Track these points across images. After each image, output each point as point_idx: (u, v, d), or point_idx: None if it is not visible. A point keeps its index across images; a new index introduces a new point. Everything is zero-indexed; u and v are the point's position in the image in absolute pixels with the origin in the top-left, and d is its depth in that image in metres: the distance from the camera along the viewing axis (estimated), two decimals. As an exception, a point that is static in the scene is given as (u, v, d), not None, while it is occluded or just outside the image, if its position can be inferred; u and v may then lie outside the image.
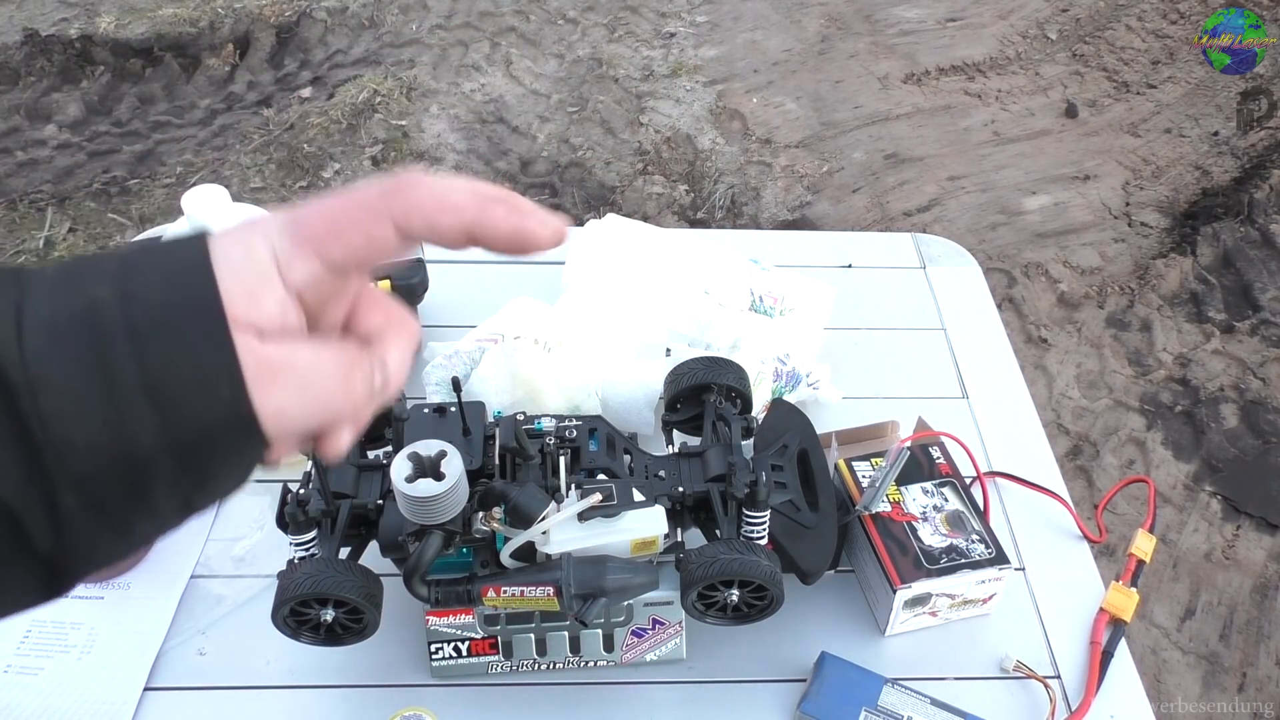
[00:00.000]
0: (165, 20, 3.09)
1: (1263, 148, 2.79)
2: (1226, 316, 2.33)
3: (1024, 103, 2.96)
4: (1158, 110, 2.94)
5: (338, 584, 0.66)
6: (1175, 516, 1.93)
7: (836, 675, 0.76)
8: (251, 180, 2.60)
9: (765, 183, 2.66)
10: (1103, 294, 2.39)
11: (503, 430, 0.72)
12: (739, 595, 0.70)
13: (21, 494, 0.27)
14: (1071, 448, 2.04)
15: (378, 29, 3.14)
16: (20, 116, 2.77)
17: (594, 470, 0.74)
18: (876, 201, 2.62)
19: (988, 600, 0.81)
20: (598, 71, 2.99)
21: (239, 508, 0.88)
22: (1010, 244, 2.51)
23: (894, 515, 0.81)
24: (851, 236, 1.28)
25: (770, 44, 3.15)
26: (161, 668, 0.78)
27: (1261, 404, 2.14)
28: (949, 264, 1.17)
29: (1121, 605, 0.83)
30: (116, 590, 0.82)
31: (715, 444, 0.76)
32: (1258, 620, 1.78)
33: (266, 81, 2.94)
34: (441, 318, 1.04)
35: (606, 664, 0.77)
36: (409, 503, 0.64)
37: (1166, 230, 2.57)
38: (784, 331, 0.98)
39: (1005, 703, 0.78)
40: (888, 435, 0.93)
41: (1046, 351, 2.24)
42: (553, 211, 0.34)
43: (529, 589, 0.68)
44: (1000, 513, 0.91)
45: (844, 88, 2.99)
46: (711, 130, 2.81)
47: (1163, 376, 2.19)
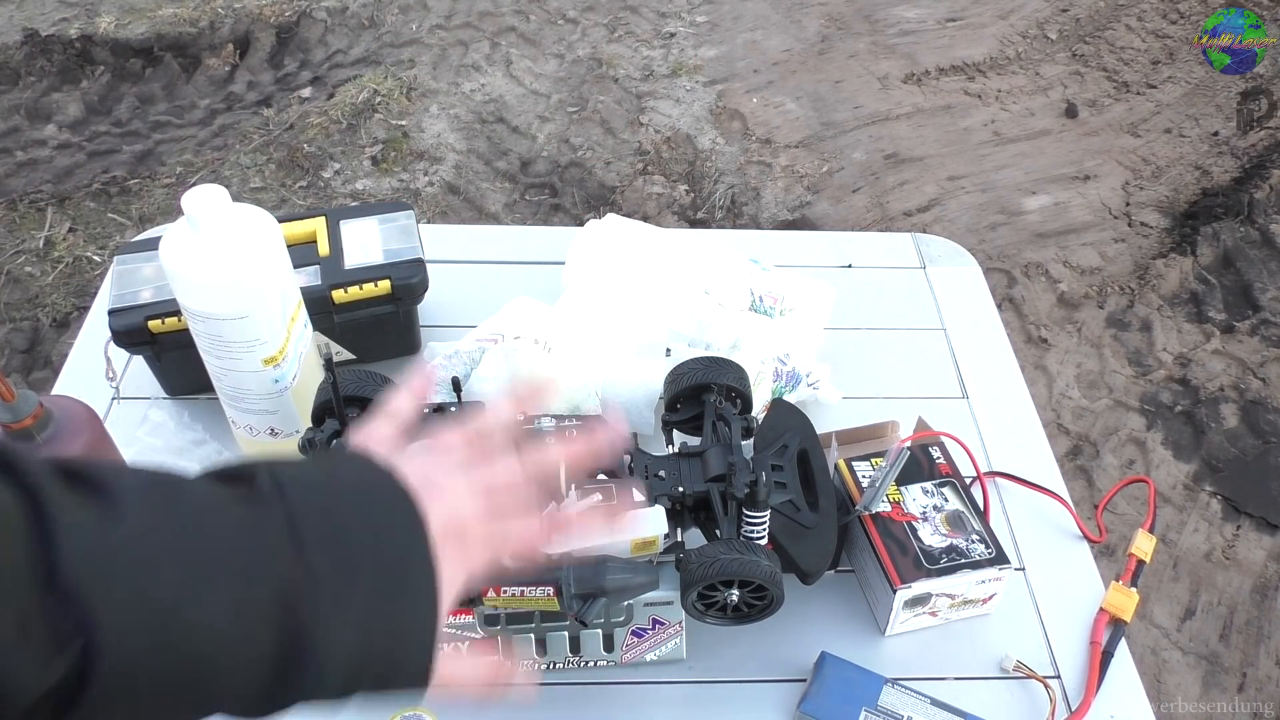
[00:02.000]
0: (165, 20, 3.09)
1: (1263, 148, 2.79)
2: (1226, 316, 2.33)
3: (1024, 103, 2.96)
4: (1158, 110, 2.94)
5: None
6: (1175, 516, 1.93)
7: (836, 675, 0.76)
8: (251, 180, 2.60)
9: (765, 183, 2.66)
10: (1103, 294, 2.39)
11: (503, 430, 0.72)
12: (739, 595, 0.70)
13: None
14: (1071, 448, 2.04)
15: (378, 29, 3.14)
16: (20, 116, 2.77)
17: (594, 470, 0.74)
18: (876, 201, 2.62)
19: (988, 600, 0.81)
20: (598, 71, 2.99)
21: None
22: (1010, 244, 2.51)
23: (894, 515, 0.81)
24: (851, 236, 1.28)
25: (770, 44, 3.15)
26: (161, 668, 0.77)
27: (1261, 404, 2.14)
28: (949, 264, 1.17)
29: (1121, 605, 0.83)
30: (116, 590, 0.82)
31: (715, 444, 0.76)
32: (1258, 620, 1.78)
33: (266, 81, 2.94)
34: (441, 318, 1.04)
35: (606, 664, 0.77)
36: (409, 503, 0.64)
37: (1166, 230, 2.57)
38: (784, 331, 0.98)
39: (1005, 703, 0.78)
40: (888, 435, 0.93)
41: (1046, 351, 2.24)
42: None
43: (529, 589, 0.68)
44: (1000, 513, 0.91)
45: (844, 88, 2.99)
46: (711, 130, 2.81)
47: (1163, 376, 2.20)
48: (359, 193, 2.58)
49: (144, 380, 0.97)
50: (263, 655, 0.37)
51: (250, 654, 0.37)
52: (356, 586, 0.40)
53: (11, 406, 0.70)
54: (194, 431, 0.94)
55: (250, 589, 0.37)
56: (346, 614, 0.39)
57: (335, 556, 0.40)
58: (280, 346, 0.82)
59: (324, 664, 0.39)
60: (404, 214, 1.00)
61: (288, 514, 0.39)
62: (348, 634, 0.39)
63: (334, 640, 0.39)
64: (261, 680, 0.38)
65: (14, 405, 0.70)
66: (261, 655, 0.37)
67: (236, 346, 0.80)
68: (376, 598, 0.40)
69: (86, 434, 0.75)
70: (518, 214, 2.55)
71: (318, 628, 0.38)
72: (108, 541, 0.35)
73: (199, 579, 0.36)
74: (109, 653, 0.34)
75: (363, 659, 0.40)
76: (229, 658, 0.37)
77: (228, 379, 0.83)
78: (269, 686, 0.38)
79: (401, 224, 0.99)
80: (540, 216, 2.55)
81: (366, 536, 0.41)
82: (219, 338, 0.79)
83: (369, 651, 0.40)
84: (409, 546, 0.42)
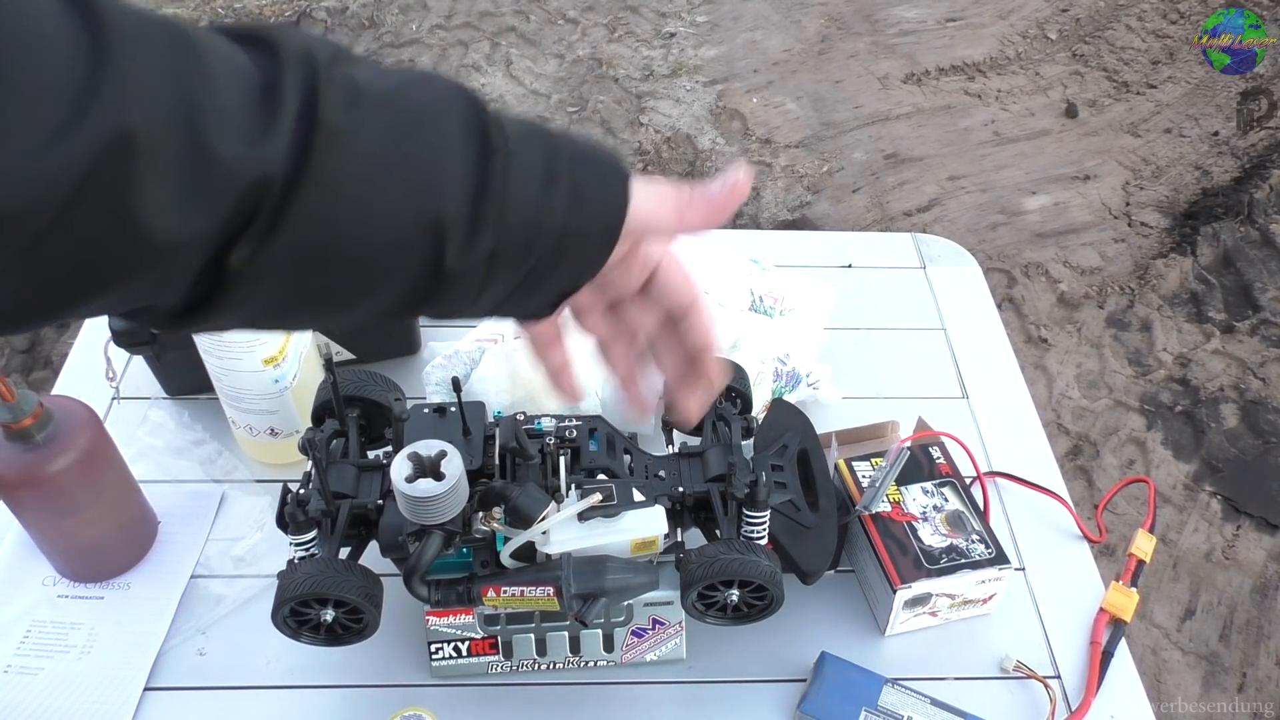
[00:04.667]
0: (165, 20, 3.09)
1: (1263, 148, 2.79)
2: (1226, 316, 2.33)
3: (1024, 103, 2.96)
4: (1158, 110, 2.94)
5: (338, 584, 0.65)
6: (1175, 516, 1.93)
7: (836, 675, 0.76)
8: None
9: (765, 183, 2.66)
10: (1103, 294, 2.39)
11: (503, 430, 0.72)
12: (739, 595, 0.70)
13: (460, 218, 0.37)
14: (1071, 448, 2.04)
15: (378, 29, 3.14)
16: (20, 116, 2.77)
17: (594, 470, 0.73)
18: (876, 201, 2.62)
19: (988, 600, 0.81)
20: (598, 71, 2.99)
21: (239, 507, 0.88)
22: (1010, 244, 2.51)
23: (894, 515, 0.81)
24: (851, 236, 1.28)
25: (770, 44, 3.15)
26: (161, 668, 0.78)
27: (1261, 404, 2.14)
28: (949, 264, 1.17)
29: (1121, 605, 0.83)
30: (116, 590, 0.82)
31: (715, 444, 0.76)
32: (1258, 620, 1.78)
33: (266, 81, 2.94)
34: (441, 318, 1.04)
35: (606, 664, 0.77)
36: (409, 503, 0.64)
37: (1166, 230, 2.57)
38: (784, 331, 0.98)
39: (1005, 703, 0.78)
40: (888, 435, 0.93)
41: (1046, 351, 2.24)
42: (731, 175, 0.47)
43: (529, 589, 0.68)
44: (1000, 513, 0.91)
45: (844, 88, 2.99)
46: (711, 130, 2.81)
47: (1163, 376, 2.19)
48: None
49: (144, 380, 0.97)
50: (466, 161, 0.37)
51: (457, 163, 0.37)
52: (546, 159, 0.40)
53: (11, 406, 0.70)
54: (194, 431, 0.94)
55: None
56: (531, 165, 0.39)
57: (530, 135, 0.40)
58: (280, 346, 0.82)
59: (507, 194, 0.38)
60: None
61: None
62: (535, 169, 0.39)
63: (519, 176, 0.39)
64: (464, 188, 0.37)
65: (14, 405, 0.70)
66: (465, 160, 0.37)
67: (236, 346, 0.80)
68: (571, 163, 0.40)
69: (86, 434, 0.75)
70: (518, 214, 2.55)
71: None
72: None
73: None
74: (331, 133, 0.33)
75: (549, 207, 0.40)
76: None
77: (228, 379, 0.83)
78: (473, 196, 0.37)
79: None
80: (540, 216, 2.55)
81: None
82: (218, 337, 0.79)
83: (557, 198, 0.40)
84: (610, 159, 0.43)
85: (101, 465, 0.77)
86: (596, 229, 0.42)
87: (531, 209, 0.39)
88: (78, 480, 0.74)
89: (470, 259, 0.38)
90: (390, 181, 0.36)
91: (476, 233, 0.38)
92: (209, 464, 0.92)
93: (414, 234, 0.37)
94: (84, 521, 0.78)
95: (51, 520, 0.77)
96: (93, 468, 0.76)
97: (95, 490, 0.77)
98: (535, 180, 0.39)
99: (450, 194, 0.37)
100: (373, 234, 0.36)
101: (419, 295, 0.39)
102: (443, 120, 0.37)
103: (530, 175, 0.39)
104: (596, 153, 0.42)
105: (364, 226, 0.36)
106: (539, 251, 0.40)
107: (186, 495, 0.89)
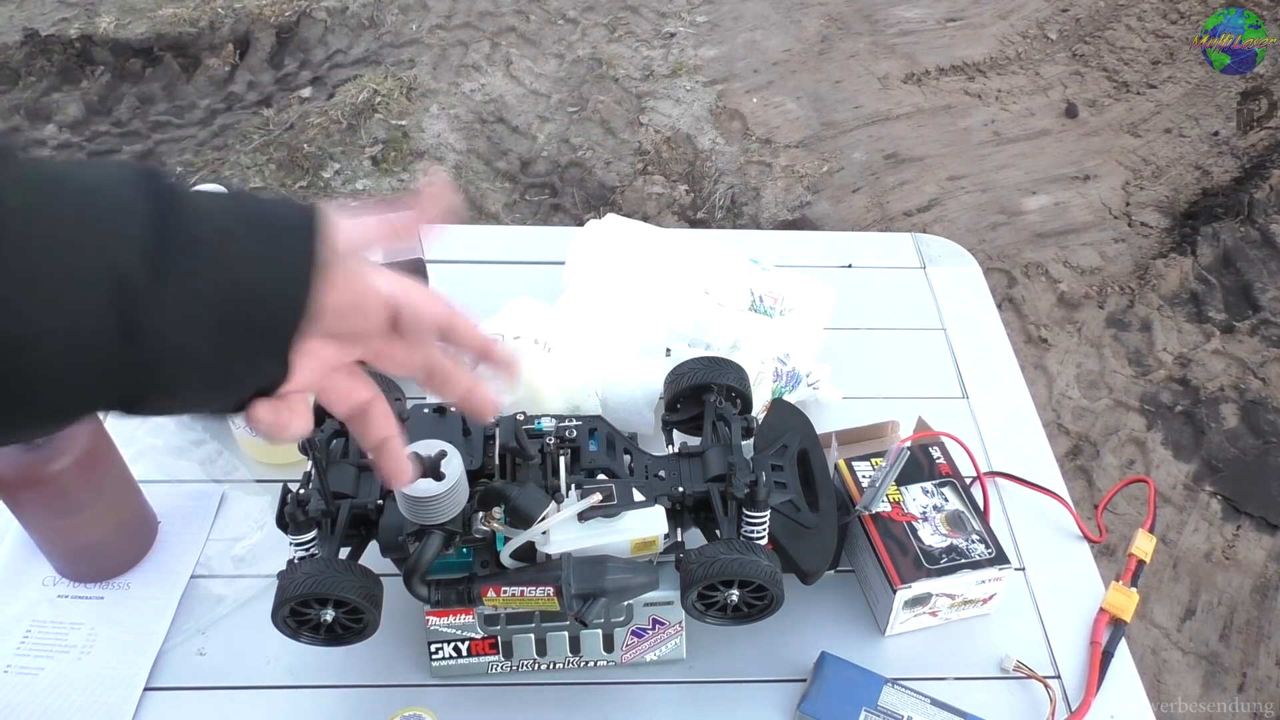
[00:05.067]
0: (165, 20, 3.09)
1: (1263, 148, 2.79)
2: (1226, 316, 2.33)
3: (1024, 103, 2.96)
4: (1158, 110, 2.94)
5: (337, 584, 0.66)
6: (1175, 516, 1.93)
7: (836, 675, 0.76)
8: (251, 180, 2.60)
9: (765, 183, 2.66)
10: (1103, 294, 2.39)
11: (503, 430, 0.72)
12: (739, 595, 0.70)
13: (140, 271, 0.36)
14: (1071, 448, 2.04)
15: (378, 29, 3.14)
16: (20, 116, 2.77)
17: (594, 470, 0.74)
18: (876, 201, 2.62)
19: (988, 600, 0.81)
20: (598, 71, 2.99)
21: (239, 507, 0.88)
22: (1010, 244, 2.51)
23: (894, 515, 0.81)
24: (851, 236, 1.28)
25: (770, 44, 3.15)
26: (161, 668, 0.78)
27: (1261, 404, 2.14)
28: (949, 264, 1.17)
29: (1121, 605, 0.83)
30: (116, 590, 0.82)
31: (715, 444, 0.76)
32: (1258, 620, 1.78)
33: (266, 81, 2.94)
34: (441, 318, 1.04)
35: (606, 664, 0.77)
36: (409, 503, 0.64)
37: (1166, 230, 2.57)
38: (784, 331, 0.98)
39: (1005, 703, 0.78)
40: (888, 435, 0.93)
41: (1046, 351, 2.24)
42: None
43: (529, 589, 0.68)
44: (1000, 513, 0.91)
45: (844, 88, 2.99)
46: (711, 130, 2.81)
47: (1163, 376, 2.19)
48: (359, 193, 2.58)
49: (144, 380, 0.97)
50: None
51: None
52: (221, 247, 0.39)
53: (11, 406, 0.70)
54: (194, 431, 0.94)
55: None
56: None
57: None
58: (280, 346, 0.82)
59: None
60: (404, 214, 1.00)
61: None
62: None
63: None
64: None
65: (14, 405, 0.70)
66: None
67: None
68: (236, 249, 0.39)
69: (86, 434, 0.75)
70: (518, 214, 2.55)
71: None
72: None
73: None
74: None
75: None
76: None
77: (228, 379, 0.83)
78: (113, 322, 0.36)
79: (401, 224, 0.99)
80: (540, 216, 2.55)
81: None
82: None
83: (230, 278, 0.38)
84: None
85: (101, 465, 0.77)
86: (286, 274, 0.41)
87: (221, 263, 0.39)
88: (78, 480, 0.74)
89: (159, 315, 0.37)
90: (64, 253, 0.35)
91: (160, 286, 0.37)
92: (209, 464, 0.92)
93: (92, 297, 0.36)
94: (84, 521, 0.78)
95: (51, 520, 0.77)
96: (93, 468, 0.76)
97: (95, 490, 0.77)
98: (218, 239, 0.39)
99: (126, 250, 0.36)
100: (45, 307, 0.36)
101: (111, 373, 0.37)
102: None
103: (214, 232, 0.39)
104: (279, 209, 0.42)
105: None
106: (238, 301, 0.39)
107: (186, 495, 0.89)
